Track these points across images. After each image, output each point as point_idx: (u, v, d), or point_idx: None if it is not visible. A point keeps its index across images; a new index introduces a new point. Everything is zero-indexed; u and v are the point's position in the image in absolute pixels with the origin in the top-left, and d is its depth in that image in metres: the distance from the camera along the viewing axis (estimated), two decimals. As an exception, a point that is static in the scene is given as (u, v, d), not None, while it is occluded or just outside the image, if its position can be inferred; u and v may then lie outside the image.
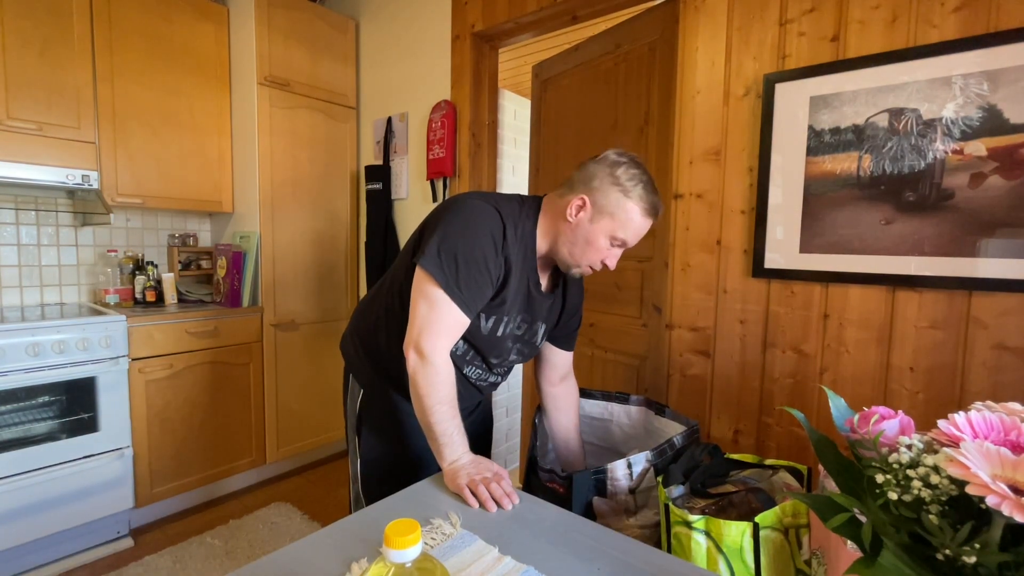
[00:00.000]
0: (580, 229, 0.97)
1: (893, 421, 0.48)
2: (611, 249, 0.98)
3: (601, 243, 0.96)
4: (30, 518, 1.76)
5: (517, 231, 0.98)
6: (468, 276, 0.91)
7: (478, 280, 0.92)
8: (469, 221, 0.93)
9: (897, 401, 1.27)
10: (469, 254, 0.91)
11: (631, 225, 0.95)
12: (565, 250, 0.99)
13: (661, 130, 1.74)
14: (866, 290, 1.30)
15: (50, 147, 1.97)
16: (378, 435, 1.12)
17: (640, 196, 0.94)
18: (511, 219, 0.97)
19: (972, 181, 1.15)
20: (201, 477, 2.23)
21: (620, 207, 0.94)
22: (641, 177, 0.95)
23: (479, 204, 0.96)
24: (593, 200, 0.96)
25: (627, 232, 0.95)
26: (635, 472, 1.06)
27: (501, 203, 0.99)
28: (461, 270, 0.91)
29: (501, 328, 1.03)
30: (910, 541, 0.40)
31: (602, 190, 0.95)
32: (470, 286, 0.92)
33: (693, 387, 1.61)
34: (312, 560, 0.68)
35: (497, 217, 0.95)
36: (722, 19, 1.50)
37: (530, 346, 1.13)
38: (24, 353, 1.74)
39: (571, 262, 1.00)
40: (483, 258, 0.92)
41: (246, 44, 2.36)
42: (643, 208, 0.95)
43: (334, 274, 2.72)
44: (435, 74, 2.35)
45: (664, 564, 0.71)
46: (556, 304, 1.13)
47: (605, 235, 0.96)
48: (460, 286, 0.91)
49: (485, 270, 0.93)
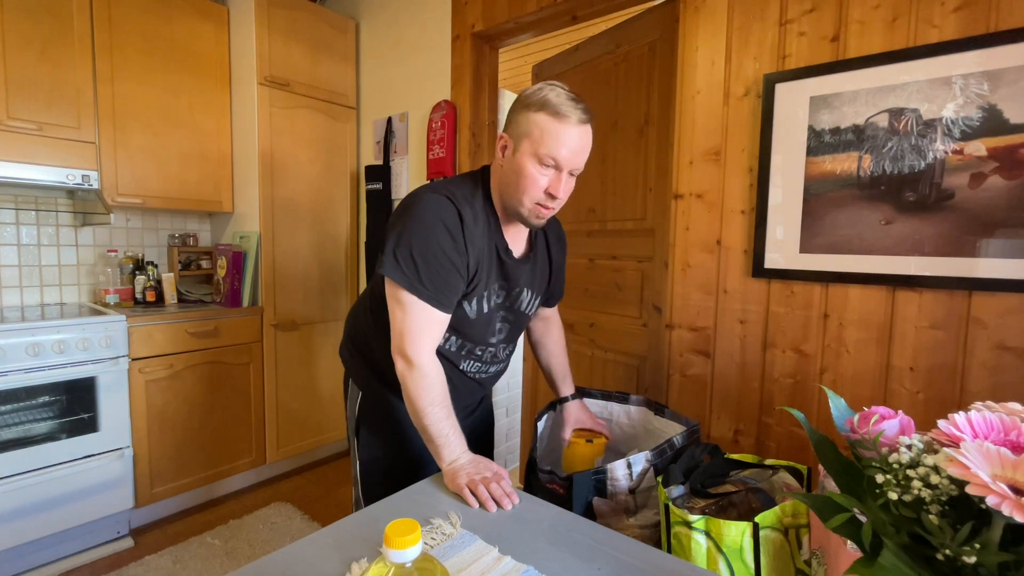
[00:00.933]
0: (508, 167, 0.95)
1: (893, 421, 0.48)
2: (543, 172, 0.92)
3: (529, 169, 0.91)
4: (30, 518, 1.76)
5: (475, 207, 0.97)
6: (430, 271, 0.90)
7: (441, 273, 0.91)
8: (420, 216, 0.91)
9: (897, 401, 1.27)
10: (426, 249, 0.90)
11: (548, 136, 0.89)
12: (506, 194, 0.97)
13: (661, 130, 1.74)
14: (866, 290, 1.30)
15: (50, 147, 1.97)
16: (376, 437, 1.13)
17: (544, 102, 0.89)
18: (465, 200, 0.95)
19: (972, 181, 1.15)
20: (201, 477, 2.23)
21: (531, 123, 0.91)
22: (547, 89, 0.91)
23: (429, 196, 0.94)
24: (510, 133, 0.95)
25: (549, 145, 0.89)
26: (635, 472, 1.06)
27: (454, 187, 0.97)
28: (421, 267, 0.89)
29: (486, 304, 1.03)
30: (910, 541, 0.40)
31: (515, 120, 0.94)
32: (435, 281, 0.90)
33: (693, 387, 1.61)
34: (312, 560, 0.68)
35: (448, 204, 0.93)
36: (722, 19, 1.50)
37: (515, 313, 1.11)
38: (24, 353, 1.74)
39: (514, 204, 0.96)
40: (440, 249, 0.91)
41: (246, 44, 2.36)
42: (551, 113, 0.89)
43: (334, 274, 2.72)
44: (435, 74, 2.35)
45: (664, 564, 0.71)
46: (541, 268, 1.12)
47: (529, 158, 0.91)
48: (425, 283, 0.90)
49: (447, 261, 0.91)
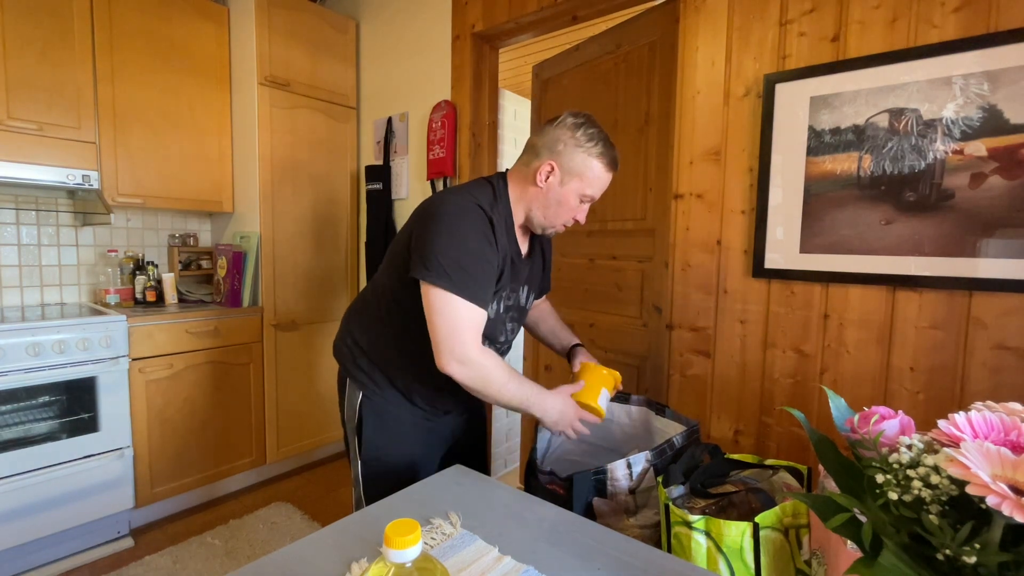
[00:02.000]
0: (552, 193, 1.03)
1: (893, 421, 0.48)
2: (581, 206, 1.06)
3: (572, 202, 1.04)
4: (30, 518, 1.76)
5: (499, 215, 1.02)
6: (476, 277, 0.94)
7: (483, 278, 0.96)
8: (459, 224, 0.96)
9: (897, 401, 1.27)
10: (470, 256, 0.94)
11: (598, 182, 1.03)
12: (540, 214, 1.06)
13: (661, 130, 1.74)
14: (866, 290, 1.30)
15: (50, 147, 1.97)
16: (379, 437, 1.12)
17: (602, 153, 1.02)
18: (490, 206, 1.01)
19: (972, 181, 1.15)
20: (201, 477, 2.23)
21: (586, 166, 1.01)
22: (599, 135, 1.02)
23: (461, 203, 0.98)
24: (560, 164, 1.02)
25: (594, 188, 1.04)
26: (635, 472, 1.06)
27: (476, 194, 1.02)
28: (470, 271, 0.94)
29: (503, 304, 1.10)
30: (910, 541, 0.40)
31: (567, 153, 1.01)
32: (480, 283, 0.95)
33: (693, 387, 1.61)
34: (312, 560, 0.68)
35: (480, 212, 0.98)
36: (722, 19, 1.50)
37: (519, 311, 1.18)
38: (24, 353, 1.74)
39: (546, 224, 1.07)
40: (482, 255, 0.96)
41: (246, 44, 2.36)
42: (606, 163, 1.03)
43: (334, 274, 2.72)
44: (435, 74, 2.35)
45: (664, 564, 0.71)
46: (537, 265, 1.21)
47: (575, 195, 1.03)
48: (471, 287, 0.94)
49: (488, 265, 0.97)
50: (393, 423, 1.12)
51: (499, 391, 0.96)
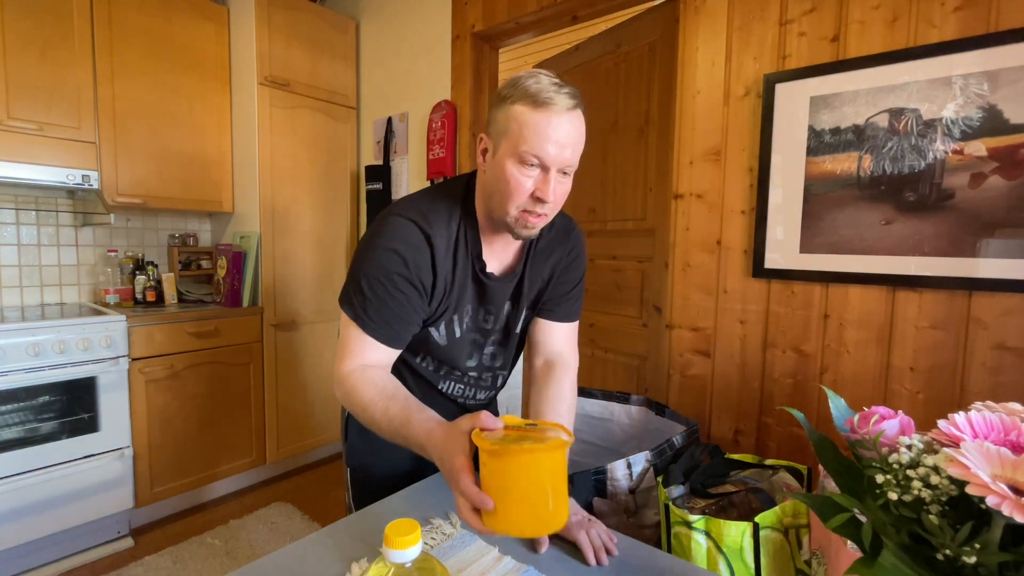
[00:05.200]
0: (490, 172, 0.82)
1: (893, 421, 0.48)
2: (527, 173, 0.77)
3: (511, 171, 0.78)
4: (30, 518, 1.76)
5: (450, 227, 0.86)
6: (379, 303, 0.82)
7: (391, 305, 0.82)
8: (377, 244, 0.82)
9: (897, 401, 1.27)
10: (375, 281, 0.81)
11: (528, 130, 0.75)
12: (492, 206, 0.84)
13: (661, 130, 1.74)
14: (866, 290, 1.30)
15: (50, 147, 1.97)
16: (363, 441, 1.03)
17: (523, 92, 0.75)
18: (438, 220, 0.85)
19: (972, 181, 1.15)
20: (201, 477, 2.23)
21: (509, 118, 0.77)
22: (525, 77, 0.78)
23: (392, 221, 0.84)
24: (489, 133, 0.82)
25: (531, 140, 0.75)
26: (635, 472, 1.06)
27: (427, 204, 0.86)
28: (370, 299, 0.82)
29: (457, 329, 0.92)
30: (910, 541, 0.40)
31: (493, 118, 0.81)
32: (383, 314, 0.82)
33: (693, 387, 1.61)
34: (312, 560, 0.68)
35: (413, 229, 0.83)
36: (722, 19, 1.50)
37: (502, 333, 0.97)
38: (24, 353, 1.74)
39: (503, 216, 0.82)
40: (391, 282, 0.81)
41: (246, 44, 2.36)
42: (531, 102, 0.75)
43: (334, 274, 2.72)
44: (435, 74, 2.35)
45: (664, 564, 0.71)
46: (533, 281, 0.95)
47: (510, 159, 0.77)
48: (371, 316, 0.82)
49: (399, 293, 0.82)
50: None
51: (363, 412, 0.78)
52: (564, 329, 1.00)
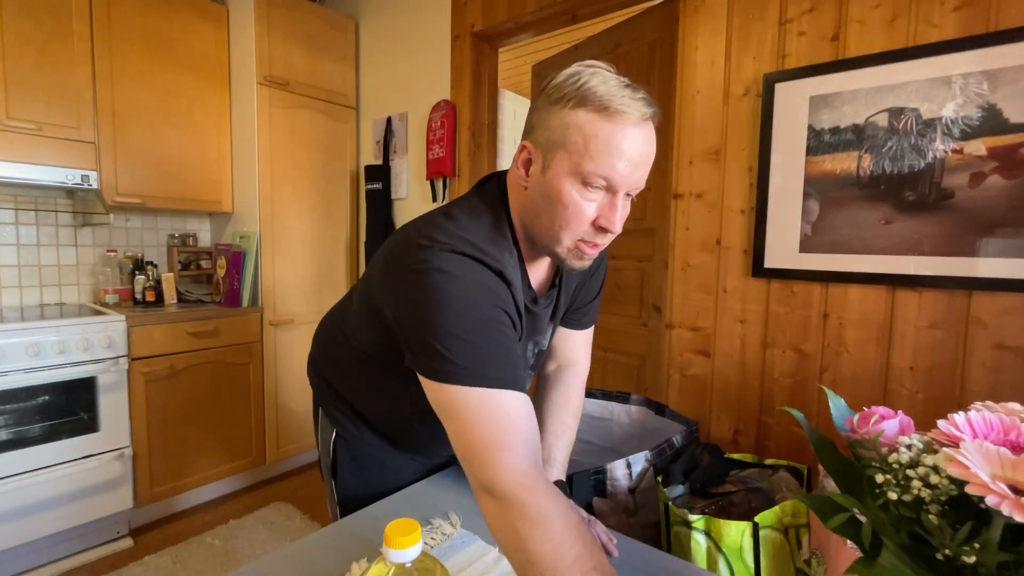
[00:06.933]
0: (537, 189, 0.66)
1: (893, 421, 0.48)
2: (590, 195, 0.63)
3: (569, 193, 0.63)
4: (30, 518, 1.76)
5: (513, 255, 0.70)
6: (492, 353, 0.62)
7: (501, 351, 0.63)
8: (459, 292, 0.62)
9: (897, 401, 1.27)
10: (480, 331, 0.63)
11: (595, 144, 0.61)
12: (537, 230, 0.69)
13: (660, 130, 1.73)
14: (866, 290, 1.30)
15: (50, 147, 1.97)
16: (356, 480, 0.91)
17: (586, 94, 0.61)
18: (498, 251, 0.68)
19: (972, 181, 1.15)
20: (201, 477, 2.23)
21: (569, 126, 0.62)
22: (587, 74, 0.63)
23: (457, 261, 0.63)
24: (536, 141, 0.66)
25: (597, 158, 0.61)
26: (635, 472, 1.07)
27: (474, 233, 0.67)
28: (483, 352, 0.62)
29: None
30: (910, 541, 0.40)
31: (543, 122, 0.65)
32: (498, 362, 0.62)
33: (693, 387, 1.61)
34: (312, 560, 0.68)
35: (483, 269, 0.65)
36: (722, 19, 1.50)
37: (537, 357, 0.88)
38: (24, 353, 1.74)
39: (551, 244, 0.68)
40: (497, 326, 0.64)
41: (246, 44, 2.36)
42: (599, 108, 0.60)
43: (334, 274, 2.72)
44: (435, 74, 2.35)
45: (664, 564, 0.71)
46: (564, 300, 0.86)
47: (569, 178, 0.63)
48: (489, 369, 0.61)
49: (502, 335, 0.65)
50: (373, 466, 0.91)
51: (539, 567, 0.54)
52: (582, 336, 0.95)
